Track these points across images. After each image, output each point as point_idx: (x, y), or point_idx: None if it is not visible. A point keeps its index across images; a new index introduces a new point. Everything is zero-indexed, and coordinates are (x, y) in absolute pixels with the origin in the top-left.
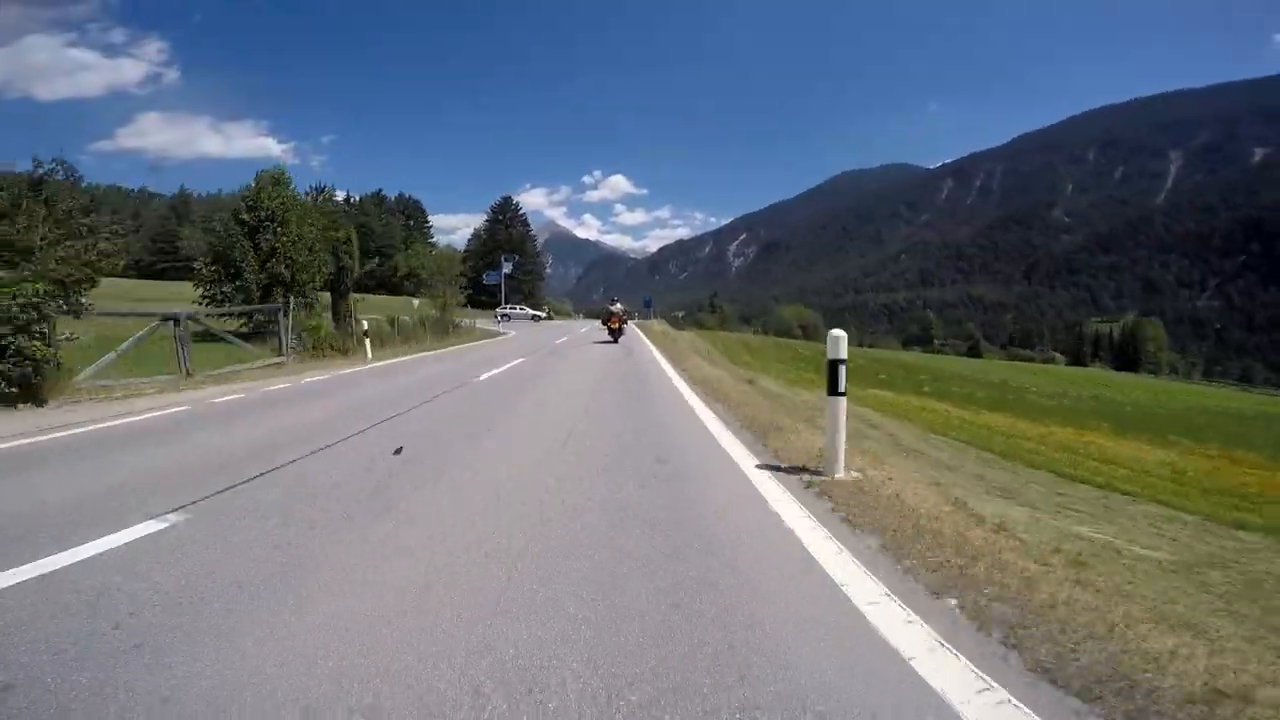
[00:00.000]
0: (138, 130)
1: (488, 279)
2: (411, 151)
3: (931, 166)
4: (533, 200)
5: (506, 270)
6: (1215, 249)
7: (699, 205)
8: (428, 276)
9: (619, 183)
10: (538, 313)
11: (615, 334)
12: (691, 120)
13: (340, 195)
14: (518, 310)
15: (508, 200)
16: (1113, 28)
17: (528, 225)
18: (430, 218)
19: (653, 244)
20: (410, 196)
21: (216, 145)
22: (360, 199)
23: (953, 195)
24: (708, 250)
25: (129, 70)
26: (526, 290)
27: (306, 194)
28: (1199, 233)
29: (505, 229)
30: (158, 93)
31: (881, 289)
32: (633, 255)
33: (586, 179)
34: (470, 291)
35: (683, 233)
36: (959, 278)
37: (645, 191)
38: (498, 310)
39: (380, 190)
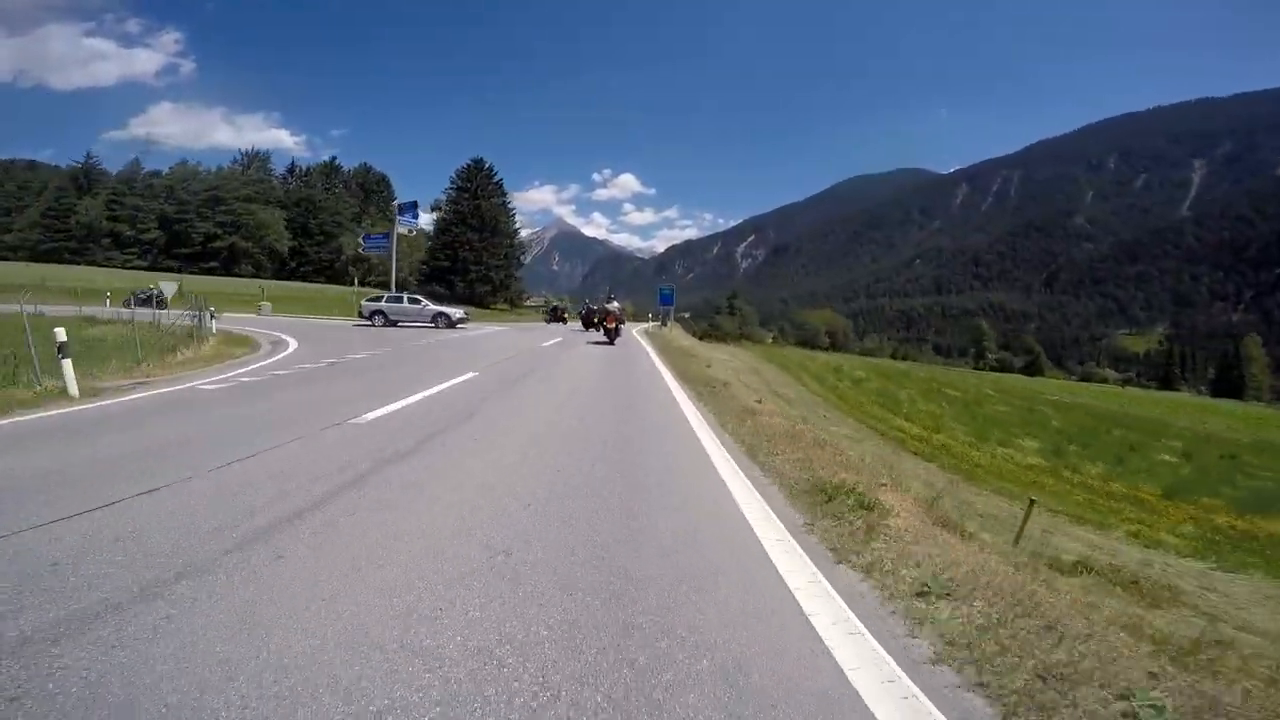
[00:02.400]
0: (150, 120)
1: (366, 246)
2: (420, 146)
3: (944, 172)
4: (541, 197)
5: (403, 229)
6: (1249, 260)
7: (708, 206)
8: (379, 261)
9: (628, 182)
10: (450, 311)
11: (612, 335)
12: (702, 121)
13: (284, 164)
14: (408, 305)
15: (478, 165)
16: (1130, 37)
17: (505, 196)
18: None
19: (660, 244)
20: (371, 167)
21: (228, 136)
22: (308, 169)
23: (967, 201)
24: (715, 251)
25: (145, 61)
26: (498, 281)
27: (235, 162)
28: (1232, 243)
29: (473, 200)
30: (173, 84)
31: (895, 294)
32: (640, 255)
33: (596, 177)
34: (425, 280)
35: (691, 233)
36: (977, 285)
37: (654, 191)
38: (363, 304)
39: (334, 159)
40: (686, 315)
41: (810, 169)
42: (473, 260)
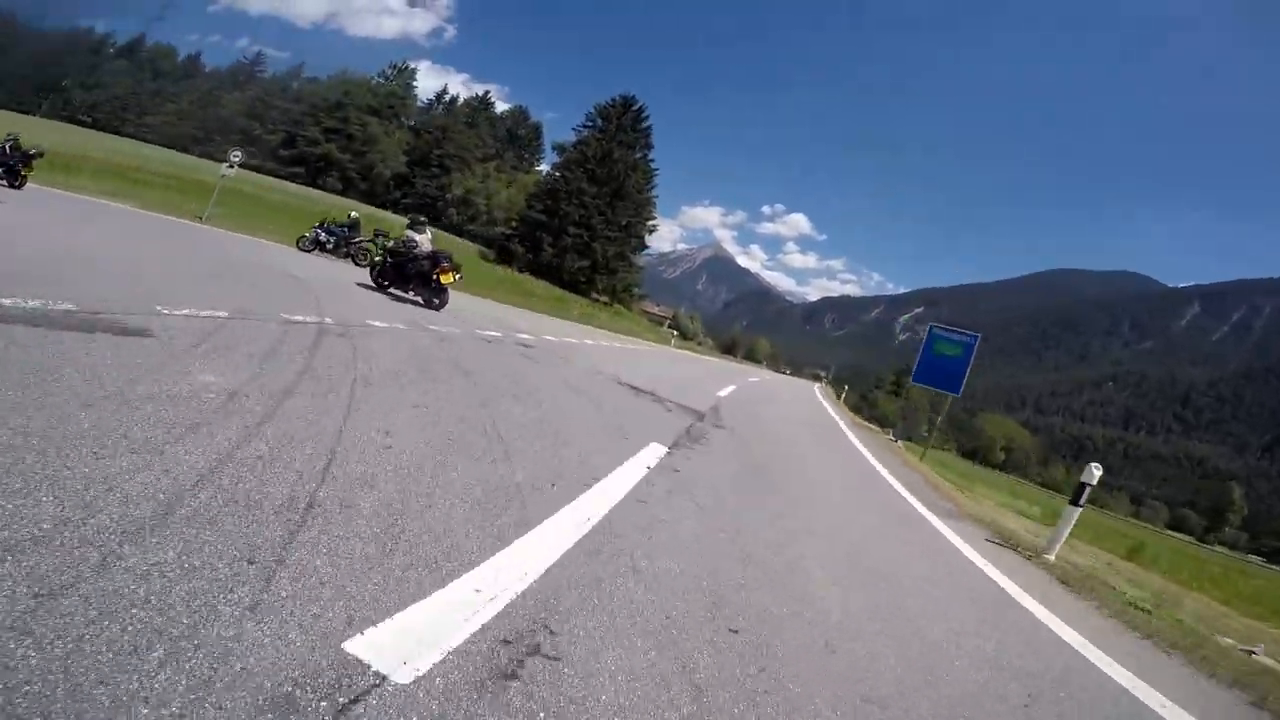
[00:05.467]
0: (406, 75)
1: None
2: None
3: (1174, 285)
4: (707, 217)
5: None
6: None
7: (878, 266)
8: (486, 207)
9: (798, 221)
10: None
11: (434, 294)
12: (896, 176)
13: (434, 79)
14: None
15: (626, 102)
16: None
17: (649, 151)
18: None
19: (814, 292)
20: (526, 112)
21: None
22: (454, 100)
23: (1195, 325)
24: (874, 315)
25: (420, 20)
26: (603, 260)
27: (383, 72)
28: None
29: (605, 143)
30: (435, 46)
31: (1071, 415)
32: (789, 298)
33: (765, 209)
34: (511, 238)
35: (851, 289)
36: (1176, 428)
37: (824, 238)
38: None
39: (488, 93)
40: (823, 374)
41: (1008, 250)
42: (575, 220)
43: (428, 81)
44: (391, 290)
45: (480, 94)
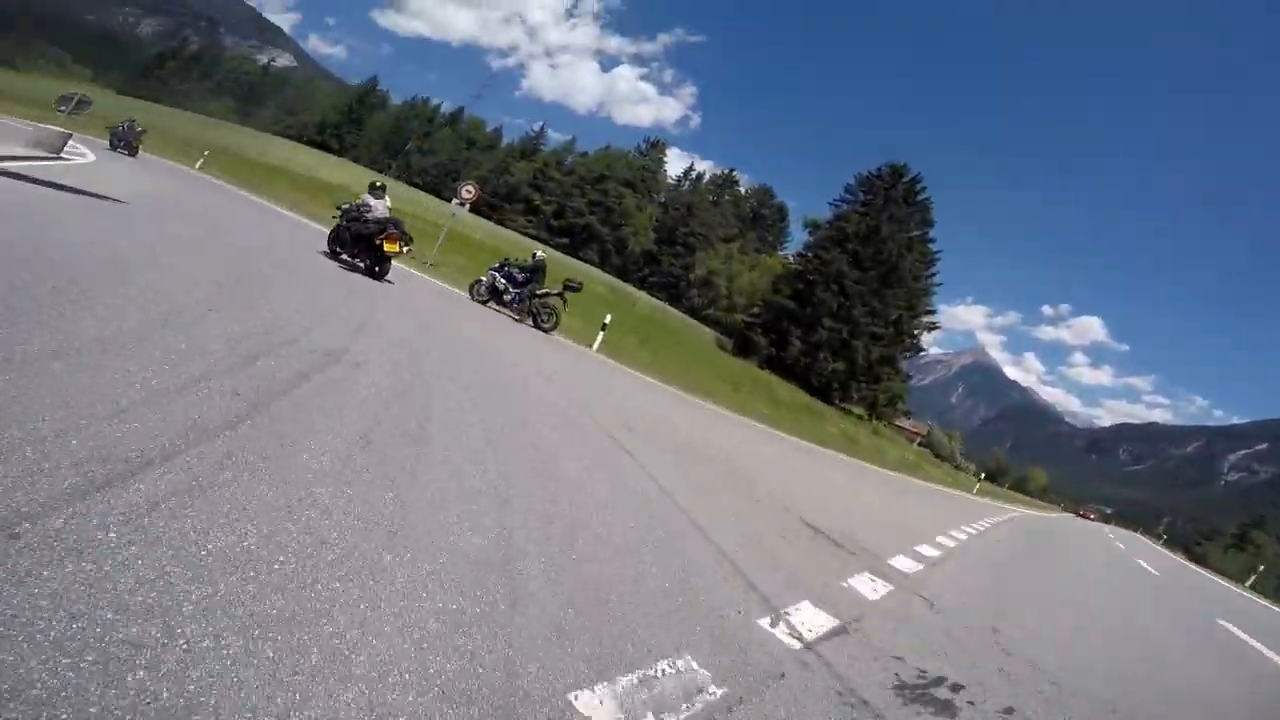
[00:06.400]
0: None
1: None
2: None
3: None
4: (969, 317)
5: None
6: None
7: (1200, 388)
8: (727, 290)
9: (1090, 327)
10: None
11: (377, 262)
12: (1234, 273)
13: (681, 163)
14: None
15: (895, 171)
16: None
17: (930, 221)
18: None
19: (1106, 416)
20: (768, 188)
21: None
22: (700, 176)
23: None
24: (1191, 449)
25: (670, 109)
26: (864, 362)
27: (638, 148)
28: None
29: (874, 218)
30: (683, 134)
31: None
32: (1071, 420)
33: (1046, 310)
34: (752, 326)
35: (1159, 415)
36: None
37: (1124, 348)
38: None
39: (733, 170)
40: (1108, 510)
41: None
42: (832, 310)
43: (675, 167)
44: (343, 257)
45: (725, 171)
